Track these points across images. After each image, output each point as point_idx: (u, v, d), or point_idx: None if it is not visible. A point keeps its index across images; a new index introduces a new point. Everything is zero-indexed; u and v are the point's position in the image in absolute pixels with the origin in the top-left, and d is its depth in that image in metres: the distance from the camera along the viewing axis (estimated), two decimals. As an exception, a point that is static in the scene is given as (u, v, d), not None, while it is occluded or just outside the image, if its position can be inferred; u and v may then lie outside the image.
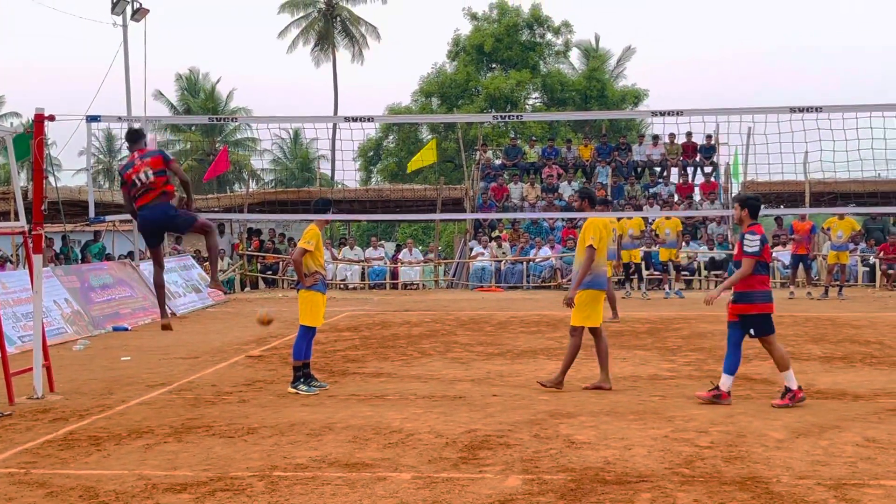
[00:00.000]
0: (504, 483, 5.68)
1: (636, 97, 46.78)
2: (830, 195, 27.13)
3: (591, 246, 8.86)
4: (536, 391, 8.90)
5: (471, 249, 25.99)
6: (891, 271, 22.53)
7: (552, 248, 24.98)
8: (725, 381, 8.19)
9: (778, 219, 26.11)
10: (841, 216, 20.64)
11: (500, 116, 11.82)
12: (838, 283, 20.83)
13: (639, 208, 25.14)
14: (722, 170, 28.18)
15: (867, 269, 23.92)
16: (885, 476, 5.71)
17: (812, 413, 7.70)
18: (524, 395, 8.77)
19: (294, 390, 9.05)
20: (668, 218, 21.43)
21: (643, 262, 22.34)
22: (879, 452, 6.32)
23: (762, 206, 8.27)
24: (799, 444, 6.59)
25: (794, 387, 8.10)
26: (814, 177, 23.96)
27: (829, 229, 21.12)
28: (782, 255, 23.62)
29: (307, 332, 9.26)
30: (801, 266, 21.55)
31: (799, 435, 6.86)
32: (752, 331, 8.10)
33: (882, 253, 22.78)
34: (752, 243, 7.99)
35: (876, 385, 9.11)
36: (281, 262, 26.14)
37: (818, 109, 8.55)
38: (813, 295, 20.54)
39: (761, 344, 8.24)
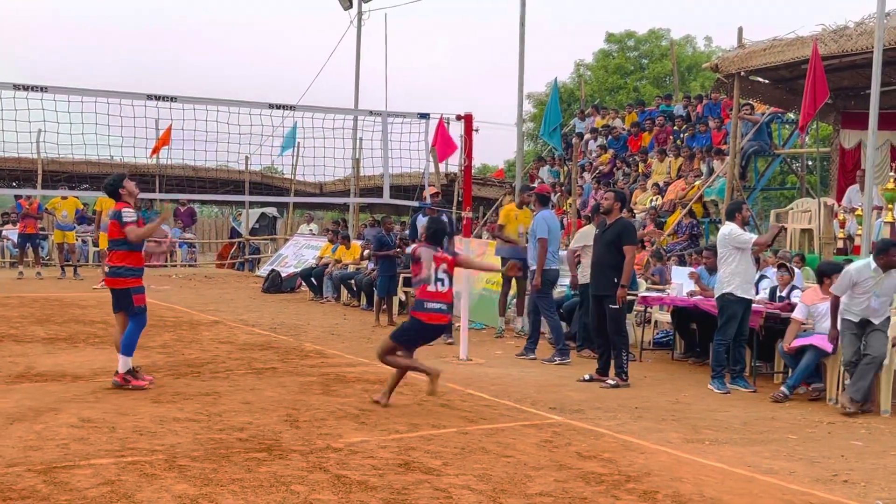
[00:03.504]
0: None
1: None
2: (64, 174, 27.07)
3: None
4: None
5: None
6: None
7: None
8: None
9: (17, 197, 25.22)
10: (65, 196, 20.69)
11: None
12: (69, 262, 20.89)
13: None
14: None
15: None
16: (96, 455, 5.83)
17: (30, 397, 7.56)
18: None
19: None
20: None
21: None
22: (93, 432, 6.45)
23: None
24: (12, 430, 6.40)
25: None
26: (47, 156, 23.66)
27: (53, 209, 21.02)
28: (11, 233, 22.91)
29: None
30: (28, 245, 21.08)
31: (13, 421, 6.67)
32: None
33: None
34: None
35: (96, 364, 9.32)
36: None
37: (43, 89, 8.43)
38: (43, 275, 20.30)
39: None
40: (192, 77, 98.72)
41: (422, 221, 12.34)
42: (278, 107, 10.43)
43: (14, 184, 28.66)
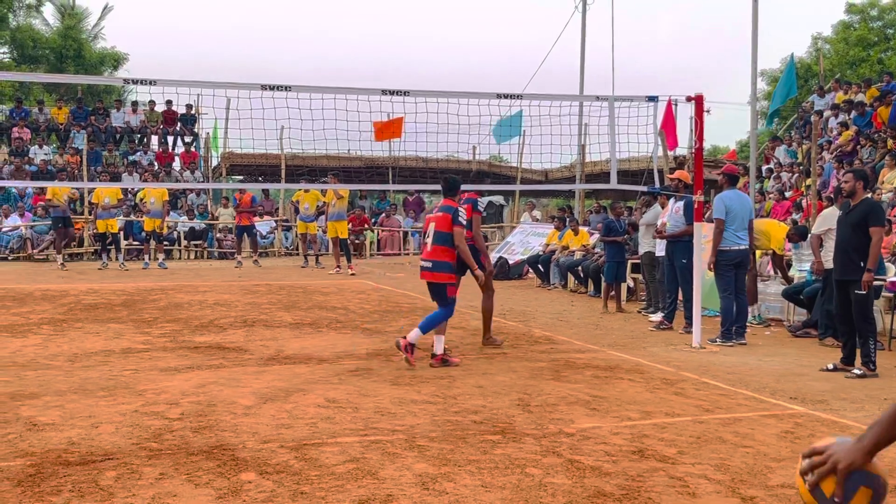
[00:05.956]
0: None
1: (116, 60, 45.07)
2: (307, 168, 28.56)
3: None
4: (-4, 372, 8.23)
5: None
6: (357, 241, 24.43)
7: (22, 216, 23.20)
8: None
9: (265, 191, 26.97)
10: (307, 190, 21.75)
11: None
12: (312, 252, 22.11)
13: (117, 176, 24.33)
14: (202, 140, 28.31)
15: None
16: (342, 434, 6.16)
17: (280, 378, 8.08)
18: (-19, 377, 8.05)
19: None
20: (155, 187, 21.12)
21: (122, 232, 21.75)
22: (338, 412, 6.81)
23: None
24: (266, 409, 6.87)
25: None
26: (289, 151, 25.07)
27: (297, 202, 22.28)
28: (261, 226, 24.46)
29: None
30: (245, 236, 22.40)
31: (266, 400, 7.15)
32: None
33: (350, 224, 24.63)
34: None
35: (339, 348, 9.82)
36: None
37: (287, 88, 8.96)
38: (260, 264, 21.61)
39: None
40: (417, 71, 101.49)
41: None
42: (506, 96, 10.56)
43: (260, 178, 30.59)
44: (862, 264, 8.86)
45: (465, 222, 9.02)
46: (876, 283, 9.26)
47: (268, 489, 4.93)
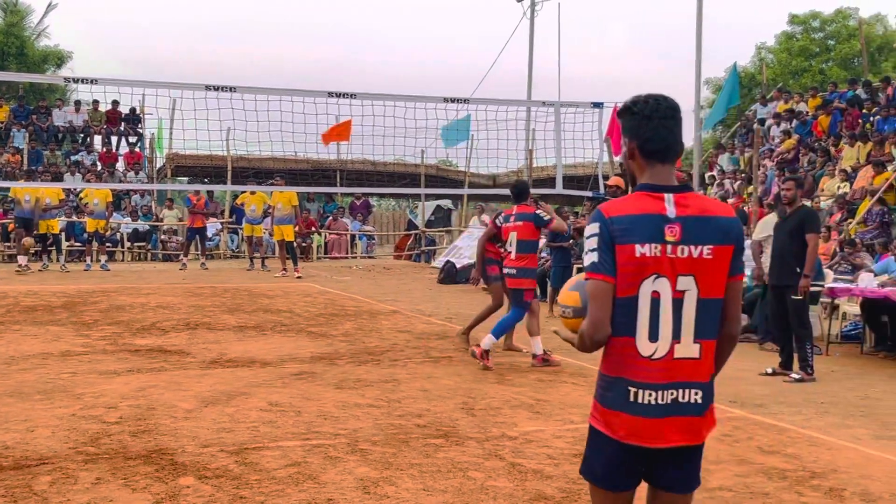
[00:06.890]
0: None
1: (59, 58, 44.26)
2: (252, 170, 28.33)
3: None
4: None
5: None
6: (304, 244, 24.29)
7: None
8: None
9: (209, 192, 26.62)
10: (253, 192, 21.42)
11: None
12: (258, 255, 21.93)
13: (59, 176, 23.92)
14: (147, 141, 27.94)
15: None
16: (284, 438, 6.12)
17: (223, 382, 7.99)
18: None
19: None
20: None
21: (63, 233, 21.38)
22: (280, 416, 6.76)
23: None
24: (207, 413, 6.79)
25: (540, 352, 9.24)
26: (236, 152, 24.84)
27: (243, 204, 22.01)
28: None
29: None
30: (197, 238, 22.02)
31: (208, 404, 7.07)
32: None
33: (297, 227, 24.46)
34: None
35: (283, 351, 9.74)
36: None
37: (232, 89, 8.87)
38: (207, 266, 21.34)
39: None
40: (367, 75, 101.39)
41: None
42: (453, 100, 10.59)
43: (206, 180, 30.24)
44: (798, 270, 9.03)
45: (549, 219, 9.35)
46: (814, 288, 9.42)
47: (206, 494, 4.88)
